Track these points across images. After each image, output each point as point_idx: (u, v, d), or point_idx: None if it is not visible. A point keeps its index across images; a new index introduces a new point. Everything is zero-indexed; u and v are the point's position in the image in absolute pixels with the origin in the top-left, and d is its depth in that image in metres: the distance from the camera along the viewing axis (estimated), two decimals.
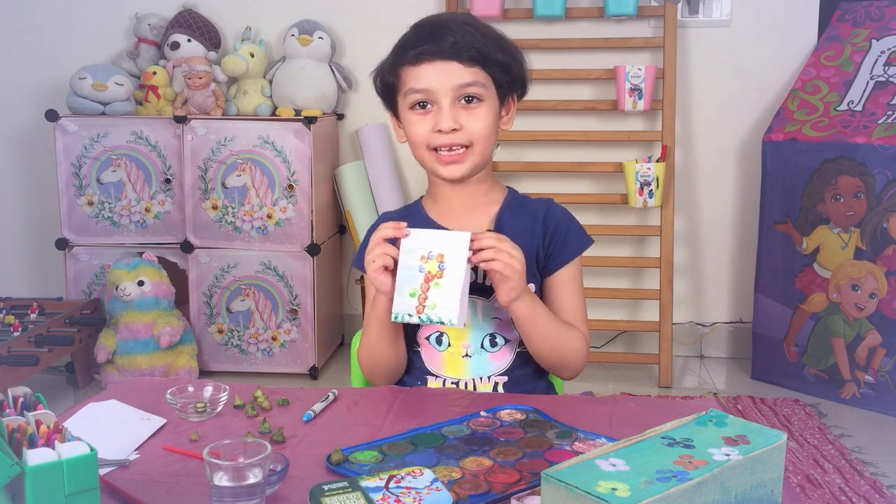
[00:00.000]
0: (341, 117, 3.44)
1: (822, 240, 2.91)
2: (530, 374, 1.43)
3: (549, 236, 1.42)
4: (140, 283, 2.98)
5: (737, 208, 3.35)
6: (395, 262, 1.26)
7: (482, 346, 1.40)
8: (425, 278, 1.23)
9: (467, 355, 1.40)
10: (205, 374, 3.14)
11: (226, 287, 3.14)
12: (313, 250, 3.09)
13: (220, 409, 1.22)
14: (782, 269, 3.03)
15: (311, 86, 3.24)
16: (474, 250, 1.23)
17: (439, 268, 1.23)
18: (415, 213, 1.47)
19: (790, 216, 2.99)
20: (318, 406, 1.23)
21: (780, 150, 3.00)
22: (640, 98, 3.11)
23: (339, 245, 3.47)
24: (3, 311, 2.98)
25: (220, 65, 3.24)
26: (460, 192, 1.42)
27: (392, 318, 1.25)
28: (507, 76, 1.39)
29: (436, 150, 1.37)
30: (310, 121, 3.04)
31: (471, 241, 1.23)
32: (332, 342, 3.41)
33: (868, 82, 2.94)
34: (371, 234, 1.47)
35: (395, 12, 3.29)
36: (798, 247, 2.97)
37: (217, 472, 0.92)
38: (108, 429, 1.14)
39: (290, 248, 3.10)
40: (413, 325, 1.41)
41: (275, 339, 3.16)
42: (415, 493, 0.91)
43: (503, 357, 1.41)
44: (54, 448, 0.84)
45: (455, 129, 1.34)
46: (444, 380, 1.41)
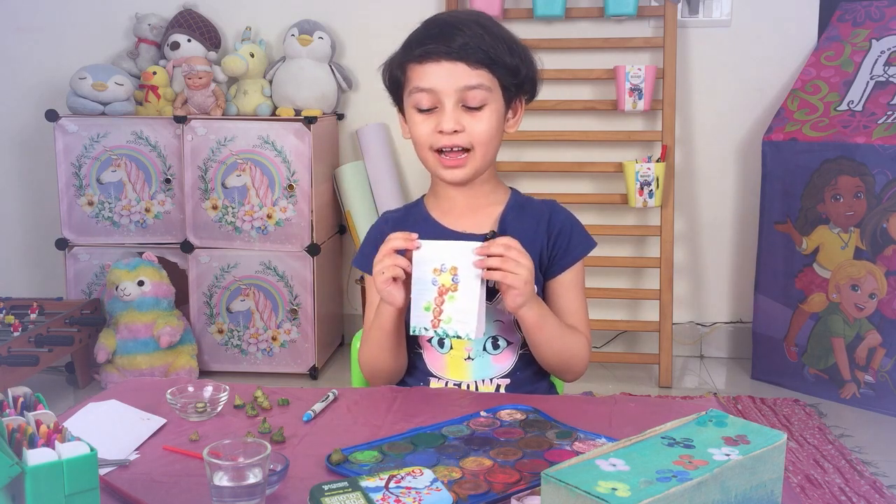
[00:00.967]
0: (341, 117, 3.44)
1: (822, 240, 2.91)
2: (532, 375, 1.43)
3: (554, 239, 1.41)
4: (140, 283, 2.98)
5: (737, 208, 3.35)
6: (407, 274, 1.26)
7: (485, 349, 1.39)
8: (439, 291, 1.23)
9: (470, 358, 1.39)
10: (205, 374, 3.14)
11: (226, 287, 3.14)
12: (313, 250, 3.09)
13: (220, 409, 1.22)
14: (782, 269, 3.03)
15: (311, 86, 3.24)
16: (481, 256, 1.22)
17: (453, 280, 1.22)
18: (417, 213, 1.46)
19: (790, 216, 2.99)
20: (318, 406, 1.23)
21: (780, 150, 3.00)
22: (640, 98, 3.11)
23: (339, 245, 3.47)
24: (3, 311, 2.98)
25: (220, 65, 3.24)
26: (464, 192, 1.42)
27: (410, 332, 1.25)
28: (515, 79, 1.38)
29: (439, 151, 1.36)
30: (310, 121, 3.04)
31: (479, 249, 1.23)
32: (332, 342, 3.41)
33: (868, 82, 2.94)
34: (372, 233, 1.48)
35: (395, 12, 3.30)
36: (798, 247, 2.97)
37: (217, 472, 0.92)
38: (108, 429, 1.14)
39: (290, 248, 3.10)
40: None
41: (275, 339, 3.16)
42: (415, 493, 0.91)
43: (506, 359, 1.41)
44: (54, 448, 0.84)
45: (457, 131, 1.33)
46: (447, 382, 1.40)
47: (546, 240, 1.41)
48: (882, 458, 2.48)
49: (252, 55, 3.24)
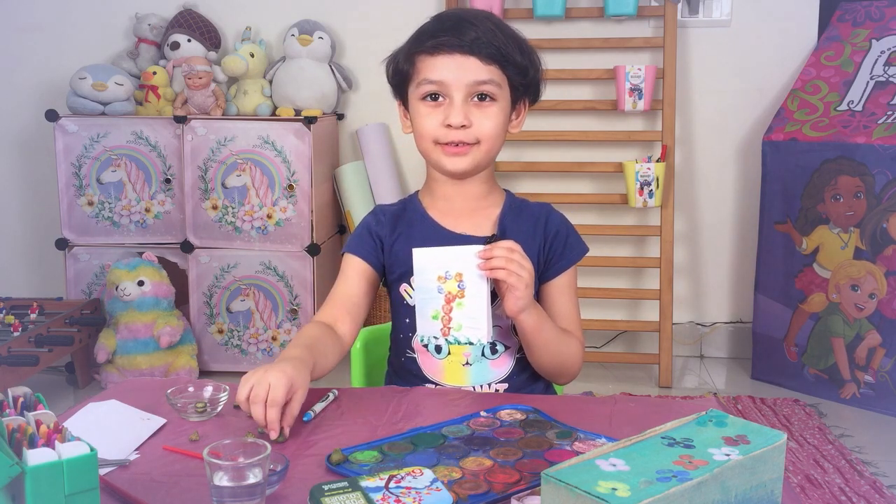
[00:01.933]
0: (341, 117, 3.44)
1: (822, 240, 2.91)
2: (529, 378, 1.42)
3: (550, 242, 1.41)
4: (140, 283, 2.98)
5: (737, 208, 3.35)
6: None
7: (482, 354, 1.39)
8: (446, 299, 1.22)
9: (468, 363, 1.39)
10: (205, 374, 3.14)
11: (226, 287, 3.14)
12: (313, 250, 3.09)
13: (220, 409, 1.22)
14: (782, 269, 3.03)
15: (311, 86, 3.24)
16: (484, 258, 1.22)
17: (459, 287, 1.21)
18: (414, 210, 1.45)
19: (790, 216, 2.99)
20: (318, 406, 1.23)
21: (780, 150, 3.00)
22: (640, 98, 3.11)
23: (339, 245, 3.47)
24: (3, 311, 2.98)
25: (220, 65, 3.24)
26: (461, 191, 1.41)
27: (418, 341, 1.24)
28: (523, 79, 1.37)
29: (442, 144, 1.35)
30: (310, 121, 3.04)
31: (481, 252, 1.22)
32: None
33: (868, 82, 2.94)
34: (365, 222, 1.46)
35: (395, 12, 3.30)
36: (798, 247, 2.97)
37: (217, 472, 0.92)
38: (108, 429, 1.14)
39: (290, 248, 3.10)
40: (408, 331, 1.40)
41: (275, 339, 3.16)
42: (415, 493, 0.91)
43: (503, 364, 1.40)
44: (54, 448, 0.84)
45: (464, 126, 1.33)
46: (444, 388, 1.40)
47: (543, 242, 1.41)
48: (882, 458, 2.48)
49: (252, 55, 3.24)
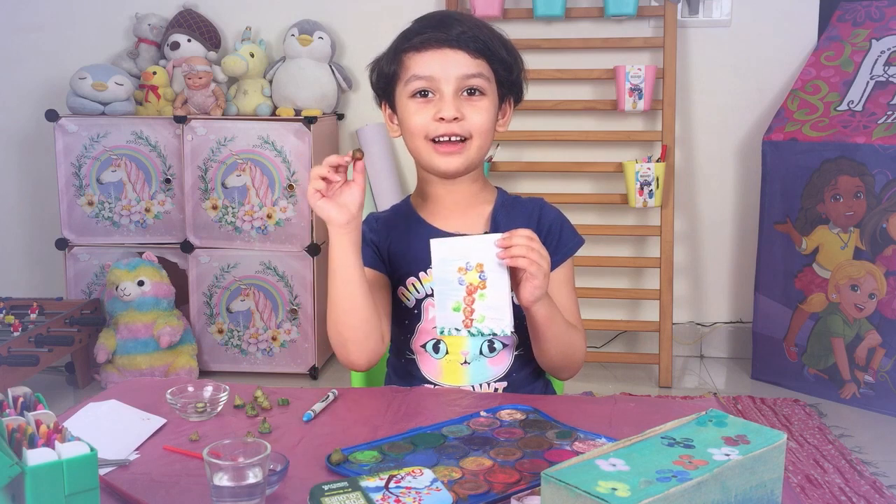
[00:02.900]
0: (341, 117, 3.44)
1: (822, 240, 2.91)
2: (528, 376, 1.42)
3: (544, 236, 1.40)
4: (140, 283, 2.98)
5: (737, 208, 3.35)
6: (328, 182, 1.22)
7: (480, 352, 1.39)
8: (467, 291, 1.21)
9: (466, 362, 1.39)
10: (205, 374, 3.14)
11: (226, 287, 3.14)
12: (313, 250, 3.09)
13: (220, 409, 1.22)
14: (782, 269, 3.03)
15: (311, 86, 3.24)
16: (504, 247, 1.20)
17: (480, 278, 1.20)
18: (405, 213, 1.45)
19: (790, 216, 2.99)
20: (318, 406, 1.23)
21: (780, 150, 3.00)
22: (640, 98, 3.11)
23: None
24: (3, 311, 2.98)
25: (220, 65, 3.23)
26: (453, 191, 1.40)
27: (438, 333, 1.23)
28: (509, 75, 1.38)
29: (434, 141, 1.35)
30: (310, 121, 3.04)
31: (501, 240, 1.20)
32: None
33: (868, 82, 2.94)
34: (363, 231, 1.46)
35: (395, 12, 3.28)
36: (798, 247, 2.97)
37: (217, 472, 0.92)
38: (108, 429, 1.14)
39: (290, 248, 3.10)
40: (406, 333, 1.40)
41: (275, 339, 3.16)
42: (415, 493, 0.91)
43: (501, 361, 1.40)
44: (54, 448, 0.84)
45: (456, 119, 1.32)
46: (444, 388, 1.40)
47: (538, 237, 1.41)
48: (882, 458, 2.48)
49: (252, 55, 3.24)
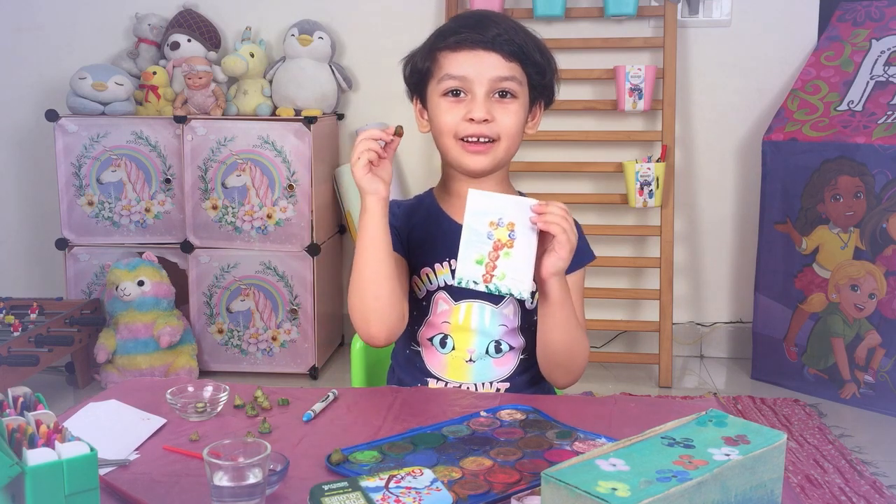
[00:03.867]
0: (341, 117, 3.44)
1: (822, 240, 2.91)
2: (531, 380, 1.42)
3: None
4: (140, 283, 2.98)
5: (737, 208, 3.35)
6: (381, 158, 1.24)
7: (487, 352, 1.39)
8: (494, 246, 1.20)
9: (471, 360, 1.39)
10: (205, 374, 3.14)
11: (226, 287, 3.14)
12: (313, 250, 3.09)
13: (220, 409, 1.22)
14: (782, 269, 3.03)
15: (311, 86, 3.24)
16: (539, 213, 1.20)
17: (510, 237, 1.20)
18: (427, 205, 1.45)
19: (790, 216, 2.99)
20: (318, 406, 1.23)
21: (780, 150, 3.00)
22: (640, 98, 3.11)
23: (339, 245, 3.47)
24: (3, 311, 2.98)
25: (220, 65, 3.24)
26: (480, 189, 1.41)
27: (455, 283, 1.21)
28: (542, 78, 1.38)
29: (462, 139, 1.35)
30: (310, 121, 3.04)
31: (537, 206, 1.20)
32: (332, 342, 3.41)
33: (868, 82, 2.94)
34: None
35: (395, 12, 3.29)
36: (798, 247, 2.97)
37: (217, 472, 0.92)
38: (108, 429, 1.14)
39: (290, 248, 3.10)
40: (414, 324, 1.40)
41: (275, 339, 3.16)
42: (415, 493, 0.91)
43: (506, 363, 1.40)
44: (54, 448, 0.84)
45: (486, 121, 1.33)
46: (446, 383, 1.40)
47: None
48: (882, 458, 2.48)
49: (252, 55, 3.24)
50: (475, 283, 1.20)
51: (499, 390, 1.39)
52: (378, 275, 1.29)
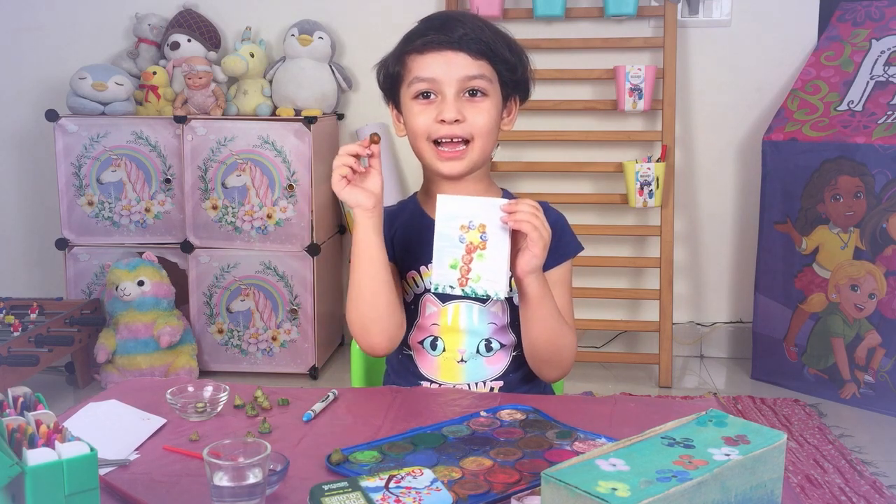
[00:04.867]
0: (341, 117, 3.44)
1: (822, 240, 2.91)
2: (525, 377, 1.42)
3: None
4: (140, 283, 2.98)
5: (737, 208, 3.35)
6: (354, 171, 1.25)
7: (477, 351, 1.39)
8: (467, 249, 1.20)
9: (463, 360, 1.39)
10: (205, 374, 3.14)
11: (226, 287, 3.14)
12: (313, 250, 3.09)
13: (220, 409, 1.22)
14: (782, 269, 3.03)
15: (311, 86, 3.24)
16: (509, 212, 1.20)
17: (481, 238, 1.20)
18: (411, 209, 1.46)
19: (790, 216, 2.99)
20: (318, 406, 1.23)
21: (780, 150, 3.00)
22: (640, 98, 3.11)
23: (339, 245, 3.47)
24: (3, 311, 2.98)
25: (220, 65, 3.24)
26: (458, 190, 1.40)
27: (432, 289, 1.23)
28: (513, 75, 1.38)
29: (436, 143, 1.35)
30: (310, 121, 3.04)
31: (507, 205, 1.20)
32: (332, 342, 3.41)
33: (868, 82, 2.94)
34: None
35: (396, 12, 3.30)
36: (798, 247, 2.97)
37: (217, 472, 0.92)
38: (108, 429, 1.14)
39: (290, 248, 3.10)
40: (406, 328, 1.40)
41: (275, 339, 3.16)
42: (415, 493, 0.91)
43: (498, 361, 1.40)
44: (54, 448, 0.84)
45: (458, 121, 1.33)
46: (439, 385, 1.40)
47: None
48: (882, 458, 2.48)
49: (252, 55, 3.24)
50: (451, 287, 1.21)
51: (493, 389, 1.39)
52: (378, 286, 1.30)
